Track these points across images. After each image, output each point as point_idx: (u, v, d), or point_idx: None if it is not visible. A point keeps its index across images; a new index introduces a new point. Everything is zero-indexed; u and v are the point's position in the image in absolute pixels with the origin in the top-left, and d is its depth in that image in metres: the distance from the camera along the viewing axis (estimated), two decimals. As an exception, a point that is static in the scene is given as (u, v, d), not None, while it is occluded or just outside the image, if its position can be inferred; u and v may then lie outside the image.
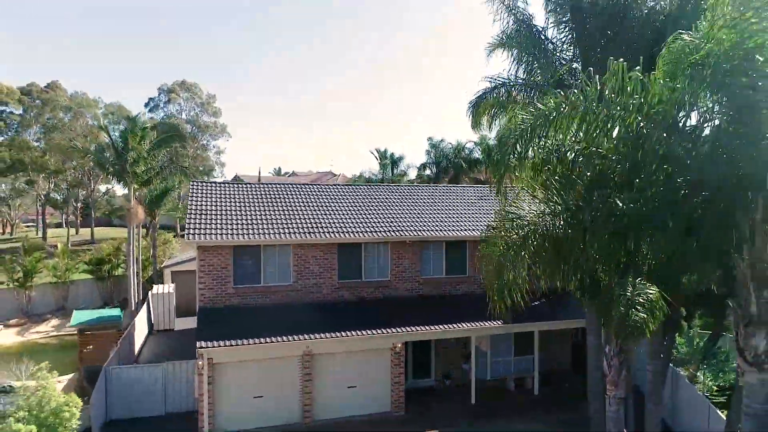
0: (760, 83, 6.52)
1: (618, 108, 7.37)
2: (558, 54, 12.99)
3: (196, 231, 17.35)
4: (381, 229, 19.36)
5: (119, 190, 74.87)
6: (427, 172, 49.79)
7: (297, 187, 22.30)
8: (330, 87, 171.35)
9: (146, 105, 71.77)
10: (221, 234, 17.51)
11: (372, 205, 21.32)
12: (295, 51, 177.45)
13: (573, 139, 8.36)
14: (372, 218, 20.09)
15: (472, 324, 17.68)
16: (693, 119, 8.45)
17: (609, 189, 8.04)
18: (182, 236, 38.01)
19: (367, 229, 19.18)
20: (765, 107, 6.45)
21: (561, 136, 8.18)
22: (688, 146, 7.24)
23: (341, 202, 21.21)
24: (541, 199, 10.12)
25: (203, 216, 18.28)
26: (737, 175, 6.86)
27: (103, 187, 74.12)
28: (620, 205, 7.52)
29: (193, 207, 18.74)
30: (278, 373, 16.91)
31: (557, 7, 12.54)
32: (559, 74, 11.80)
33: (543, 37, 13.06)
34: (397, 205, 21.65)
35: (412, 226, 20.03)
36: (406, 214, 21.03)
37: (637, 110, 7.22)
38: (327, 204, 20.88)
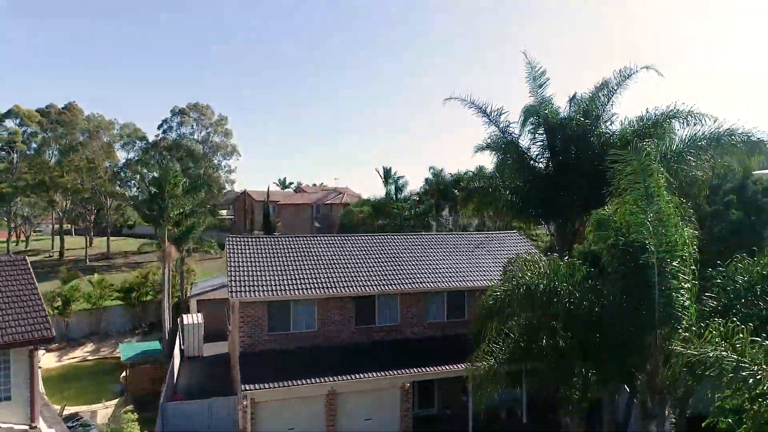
0: (645, 244, 9.60)
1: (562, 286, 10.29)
2: (530, 159, 16.28)
3: (238, 289, 20.72)
4: (391, 282, 22.73)
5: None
6: (430, 197, 53.15)
7: (319, 240, 25.59)
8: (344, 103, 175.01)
9: (159, 127, 75.13)
10: (258, 292, 20.87)
11: (383, 258, 24.62)
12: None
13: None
14: (383, 272, 23.42)
15: (466, 365, 20.98)
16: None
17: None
18: (206, 251, 41.02)
19: (380, 283, 22.56)
20: (646, 263, 9.52)
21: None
22: (602, 301, 10.28)
23: (357, 255, 24.51)
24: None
25: (242, 274, 21.63)
26: (638, 317, 9.97)
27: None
28: (561, 343, 10.61)
29: (233, 264, 22.10)
30: (308, 408, 20.26)
31: (534, 128, 15.88)
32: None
33: (519, 146, 16.37)
34: (405, 257, 24.95)
35: (418, 278, 23.38)
36: (413, 265, 24.36)
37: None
38: (345, 256, 24.20)
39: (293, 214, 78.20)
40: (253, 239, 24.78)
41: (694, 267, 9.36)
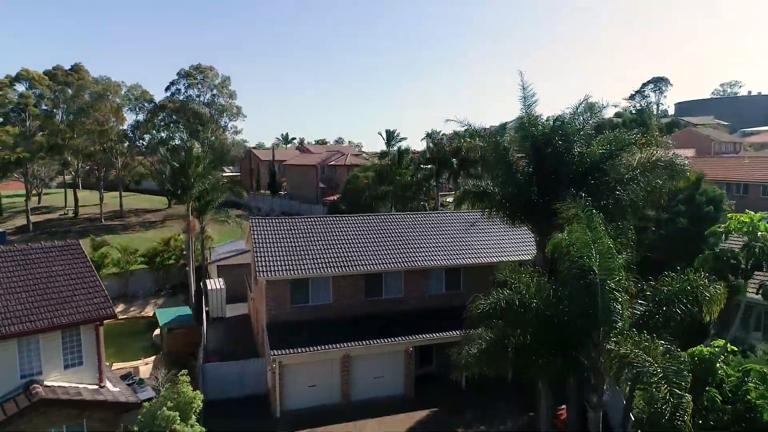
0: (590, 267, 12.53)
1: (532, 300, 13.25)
2: (517, 172, 19.05)
3: (265, 270, 23.96)
4: (396, 261, 25.96)
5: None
6: (431, 164, 55.64)
7: (332, 221, 28.63)
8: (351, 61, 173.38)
9: (167, 89, 76.70)
10: (282, 272, 24.11)
11: (389, 237, 27.73)
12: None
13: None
14: (389, 251, 26.59)
15: (462, 331, 24.47)
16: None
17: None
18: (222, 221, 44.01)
19: (386, 262, 25.80)
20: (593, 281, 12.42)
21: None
22: (558, 306, 13.25)
23: (366, 234, 27.62)
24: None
25: (267, 256, 24.80)
26: (586, 320, 12.97)
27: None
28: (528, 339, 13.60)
29: (258, 246, 25.24)
30: (326, 368, 23.95)
31: (523, 144, 18.60)
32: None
33: (508, 158, 19.10)
34: (407, 236, 28.07)
35: (419, 256, 26.59)
36: (415, 243, 27.51)
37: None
38: (355, 236, 27.32)
39: (298, 174, 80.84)
40: (275, 221, 27.79)
41: (627, 284, 12.41)
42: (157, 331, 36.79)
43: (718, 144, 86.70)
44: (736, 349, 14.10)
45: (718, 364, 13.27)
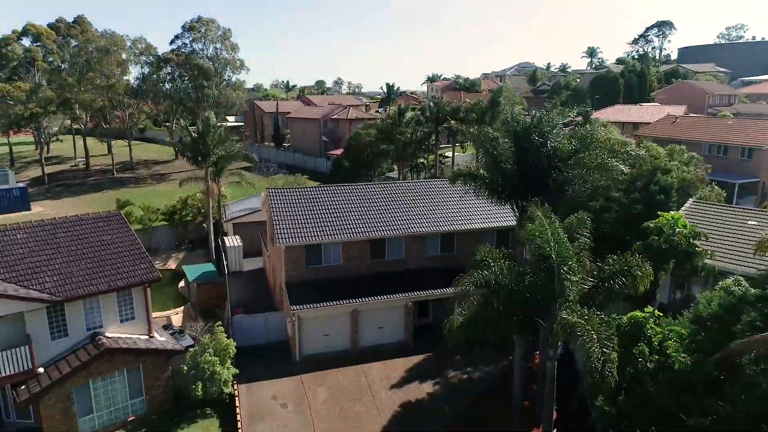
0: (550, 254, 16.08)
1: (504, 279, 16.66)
2: (501, 161, 22.16)
3: (284, 237, 27.53)
4: (398, 228, 29.50)
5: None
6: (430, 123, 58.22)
7: (341, 190, 31.93)
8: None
9: (171, 42, 77.70)
10: (298, 238, 27.70)
11: (391, 204, 31.11)
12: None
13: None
14: (392, 218, 30.07)
15: (453, 289, 28.37)
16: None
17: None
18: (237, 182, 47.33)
19: (389, 229, 29.34)
20: (552, 264, 15.86)
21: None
22: (525, 283, 16.67)
23: (371, 202, 31.00)
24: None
25: (285, 224, 28.29)
26: (546, 293, 16.48)
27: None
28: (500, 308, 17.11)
29: (276, 215, 28.70)
30: (337, 320, 27.98)
31: (506, 136, 21.61)
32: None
33: (495, 151, 22.15)
34: (408, 203, 31.43)
35: (418, 223, 30.09)
36: (414, 211, 30.95)
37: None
38: (362, 204, 30.69)
39: (302, 127, 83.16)
40: (291, 190, 31.09)
41: (578, 268, 15.88)
42: (181, 284, 40.83)
43: (712, 97, 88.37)
44: (661, 314, 17.80)
45: (648, 325, 16.97)
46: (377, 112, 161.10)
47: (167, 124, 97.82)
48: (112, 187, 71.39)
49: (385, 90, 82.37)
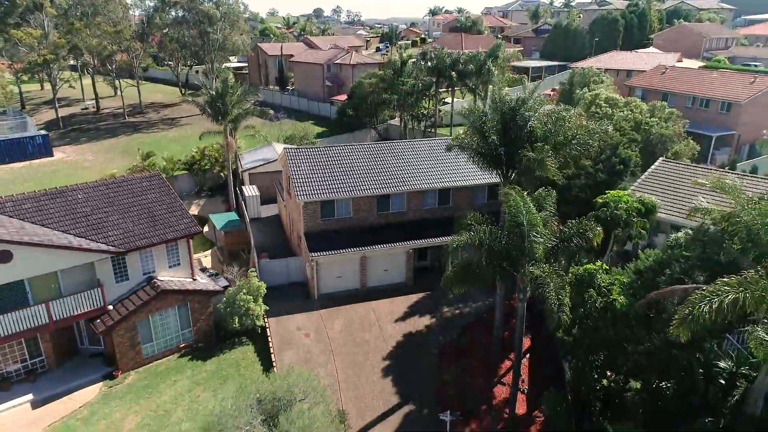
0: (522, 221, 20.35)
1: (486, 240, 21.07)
2: (488, 135, 25.95)
3: (302, 194, 31.76)
4: (400, 184, 33.65)
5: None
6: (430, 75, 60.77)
7: (350, 150, 35.75)
8: None
9: (176, -15, 78.17)
10: (315, 195, 31.94)
11: (394, 162, 35.07)
12: None
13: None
14: (395, 175, 34.14)
15: (448, 238, 32.96)
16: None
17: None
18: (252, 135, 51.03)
19: (393, 185, 33.51)
20: (523, 229, 20.21)
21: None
22: (502, 243, 21.09)
23: (377, 160, 34.95)
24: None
25: (303, 182, 32.43)
26: (518, 251, 20.80)
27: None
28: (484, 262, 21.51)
29: (295, 174, 32.77)
30: (348, 264, 32.74)
31: (493, 114, 25.31)
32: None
33: (484, 128, 25.89)
34: (409, 161, 35.39)
35: (418, 179, 34.21)
36: (415, 168, 34.97)
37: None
38: (369, 162, 34.66)
39: (305, 71, 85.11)
40: (306, 152, 34.96)
41: (544, 231, 20.19)
42: (206, 228, 45.42)
43: (709, 41, 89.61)
44: (607, 267, 22.36)
45: (598, 275, 21.50)
46: (377, 49, 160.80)
47: (170, 63, 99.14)
48: (126, 132, 74.63)
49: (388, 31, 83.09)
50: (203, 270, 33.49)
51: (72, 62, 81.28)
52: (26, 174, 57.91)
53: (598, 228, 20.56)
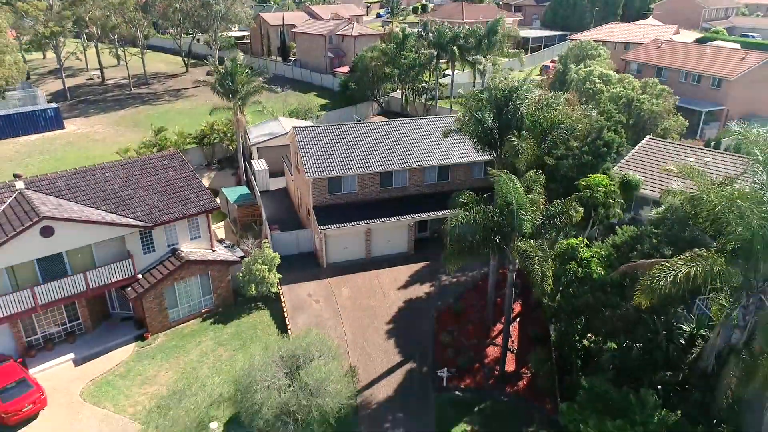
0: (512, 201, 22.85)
1: (479, 218, 23.62)
2: (484, 121, 28.16)
3: (311, 171, 34.11)
4: (402, 162, 35.96)
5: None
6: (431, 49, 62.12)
7: (356, 128, 37.90)
8: None
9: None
10: (323, 172, 34.30)
11: (397, 140, 37.28)
12: None
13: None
14: (398, 153, 36.41)
15: (447, 211, 35.46)
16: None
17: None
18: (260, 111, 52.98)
19: (395, 162, 35.83)
20: (514, 208, 22.77)
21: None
22: (494, 220, 23.66)
23: (380, 138, 37.14)
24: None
25: (312, 160, 34.73)
26: (509, 227, 23.29)
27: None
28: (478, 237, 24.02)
29: (305, 152, 35.04)
30: (354, 236, 35.38)
31: (489, 104, 27.43)
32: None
33: (480, 112, 28.04)
34: (410, 139, 37.57)
35: (419, 157, 36.48)
36: (417, 146, 37.19)
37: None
38: (373, 140, 36.87)
39: (307, 42, 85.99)
40: (314, 131, 37.12)
41: (535, 208, 22.66)
42: (217, 200, 47.82)
43: (708, 11, 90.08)
44: (588, 241, 24.89)
45: (580, 249, 24.04)
46: (378, 15, 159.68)
47: (170, 31, 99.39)
48: (133, 104, 76.28)
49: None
50: (220, 241, 36.12)
51: (76, 32, 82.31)
52: (41, 147, 60.04)
53: (580, 208, 23.06)
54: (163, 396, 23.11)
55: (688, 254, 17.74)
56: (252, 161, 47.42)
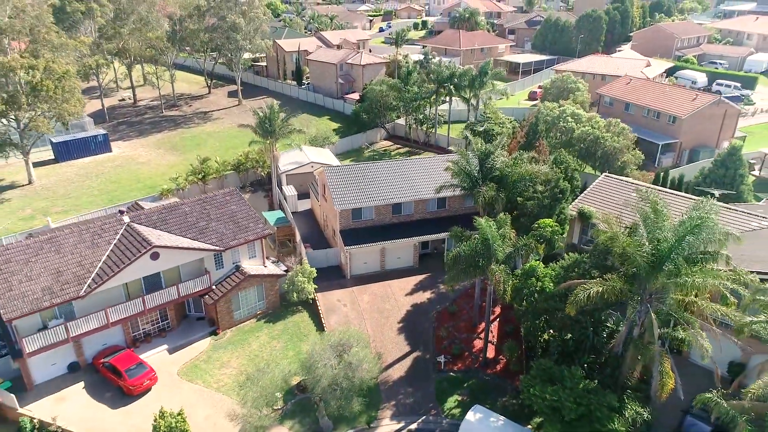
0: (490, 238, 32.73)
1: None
2: (470, 173, 38.06)
3: (341, 204, 43.91)
4: (409, 195, 45.76)
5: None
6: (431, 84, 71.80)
7: (373, 167, 47.67)
8: None
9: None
10: (349, 205, 44.09)
11: (405, 176, 47.06)
12: None
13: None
14: (405, 187, 46.19)
15: (446, 233, 45.19)
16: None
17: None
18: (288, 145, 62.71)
19: (404, 196, 45.63)
20: (490, 242, 32.50)
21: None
22: (477, 250, 33.40)
23: (392, 175, 46.90)
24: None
25: (339, 194, 44.51)
26: (486, 256, 32.88)
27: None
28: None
29: (335, 188, 44.81)
30: (372, 253, 45.20)
31: (474, 156, 37.32)
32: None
33: (467, 161, 37.88)
34: (415, 175, 47.34)
35: (422, 190, 46.24)
36: (420, 181, 46.96)
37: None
38: (386, 177, 46.63)
39: (320, 68, 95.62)
40: (342, 171, 46.89)
41: (505, 241, 32.31)
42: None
43: (681, 41, 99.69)
44: (543, 264, 34.72)
45: (538, 269, 33.67)
46: (380, 29, 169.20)
47: (187, 48, 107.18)
48: (167, 127, 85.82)
49: (394, 37, 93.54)
50: (267, 257, 45.91)
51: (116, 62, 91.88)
52: (95, 169, 69.66)
53: (539, 244, 32.93)
54: (250, 373, 32.74)
55: (599, 279, 27.56)
56: (283, 187, 57.17)
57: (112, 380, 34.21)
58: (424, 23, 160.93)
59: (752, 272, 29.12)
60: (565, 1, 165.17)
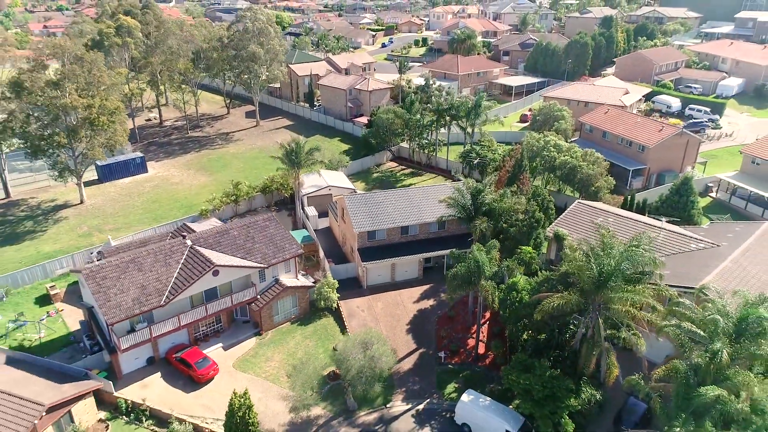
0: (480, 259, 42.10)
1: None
2: (465, 206, 47.54)
3: (359, 227, 53.24)
4: (415, 218, 55.10)
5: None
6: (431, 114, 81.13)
7: (384, 194, 57.04)
8: None
9: (227, 29, 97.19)
10: (366, 227, 53.43)
11: (411, 201, 56.40)
12: None
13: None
14: (412, 211, 55.52)
15: (445, 250, 54.46)
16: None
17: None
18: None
19: (411, 220, 54.98)
20: (478, 264, 42.08)
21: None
22: (470, 269, 42.70)
23: (400, 201, 56.26)
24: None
25: (357, 218, 53.85)
26: (477, 272, 42.21)
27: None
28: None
29: (352, 212, 54.12)
30: (384, 267, 54.52)
31: (467, 192, 46.73)
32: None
33: (462, 196, 47.26)
34: (420, 201, 56.66)
35: (425, 213, 55.56)
36: (424, 205, 56.26)
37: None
38: (395, 203, 55.98)
39: (330, 93, 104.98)
40: (359, 198, 56.27)
41: (493, 261, 41.65)
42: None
43: (659, 66, 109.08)
44: (524, 279, 44.07)
45: (519, 283, 42.91)
46: (383, 45, 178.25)
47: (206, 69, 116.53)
48: (193, 148, 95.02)
49: (397, 65, 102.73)
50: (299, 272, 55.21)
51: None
52: (135, 189, 78.91)
53: (520, 266, 42.31)
54: (296, 365, 41.83)
55: (561, 293, 36.92)
56: (305, 208, 66.49)
57: (183, 371, 43.50)
58: (425, 40, 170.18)
59: (677, 287, 38.70)
60: (558, 20, 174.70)
